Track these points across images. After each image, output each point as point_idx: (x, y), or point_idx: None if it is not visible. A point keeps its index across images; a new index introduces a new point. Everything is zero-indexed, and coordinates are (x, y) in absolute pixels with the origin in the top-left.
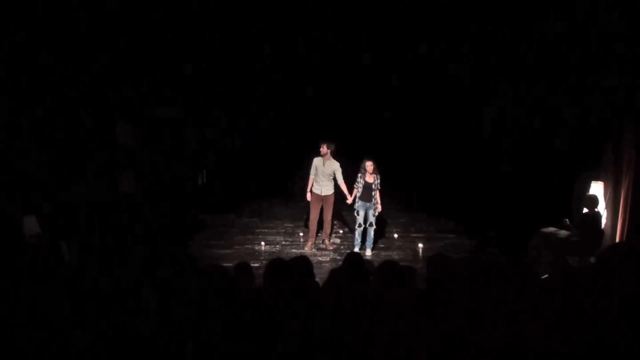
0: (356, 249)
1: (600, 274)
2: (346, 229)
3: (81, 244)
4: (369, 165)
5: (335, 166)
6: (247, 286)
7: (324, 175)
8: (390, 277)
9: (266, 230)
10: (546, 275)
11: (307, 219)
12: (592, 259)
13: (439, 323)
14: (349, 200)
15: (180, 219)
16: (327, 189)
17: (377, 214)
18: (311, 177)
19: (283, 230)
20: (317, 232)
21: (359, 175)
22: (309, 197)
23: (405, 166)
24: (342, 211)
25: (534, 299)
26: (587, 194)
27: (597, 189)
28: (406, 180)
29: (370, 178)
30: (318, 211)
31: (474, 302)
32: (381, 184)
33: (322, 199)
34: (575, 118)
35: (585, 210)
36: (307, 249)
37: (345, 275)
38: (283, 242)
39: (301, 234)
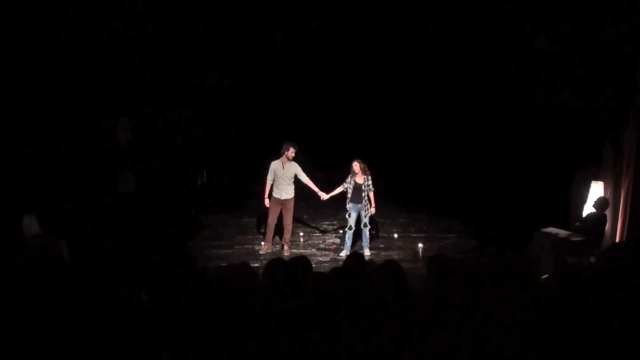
0: (344, 252)
1: (600, 273)
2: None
3: (81, 244)
4: (355, 165)
5: (295, 168)
6: (247, 286)
7: (283, 178)
8: (390, 277)
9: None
10: (546, 276)
11: (265, 223)
12: (592, 259)
13: (438, 324)
14: (324, 196)
15: (180, 219)
16: (287, 193)
17: (369, 214)
18: (268, 182)
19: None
20: (274, 236)
21: (349, 176)
22: (267, 203)
23: (405, 165)
24: (340, 212)
25: (534, 300)
26: (598, 196)
27: (597, 188)
28: (407, 181)
29: (360, 179)
30: (276, 216)
31: (474, 303)
32: (374, 184)
33: (282, 203)
34: (575, 116)
35: (592, 210)
36: (264, 252)
37: (346, 275)
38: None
39: (301, 234)
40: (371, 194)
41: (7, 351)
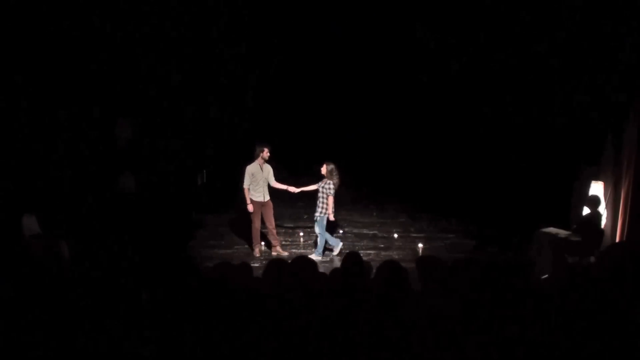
0: (335, 250)
1: (600, 273)
2: (346, 229)
3: (81, 244)
4: (323, 167)
5: (269, 168)
6: (247, 286)
7: (263, 180)
8: (389, 277)
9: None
10: (546, 276)
11: (251, 228)
12: (592, 259)
13: (437, 323)
14: (295, 190)
15: (180, 219)
16: (267, 194)
17: (319, 217)
18: (246, 187)
19: (283, 230)
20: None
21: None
22: (251, 208)
23: (406, 165)
24: (340, 212)
25: (534, 299)
26: (589, 194)
27: (597, 188)
28: (408, 181)
29: (322, 181)
30: (260, 218)
31: (471, 303)
32: (335, 190)
33: (264, 205)
34: (575, 117)
35: (587, 210)
36: (258, 255)
37: (345, 275)
38: (283, 242)
39: (301, 234)
40: (329, 200)
41: (7, 350)
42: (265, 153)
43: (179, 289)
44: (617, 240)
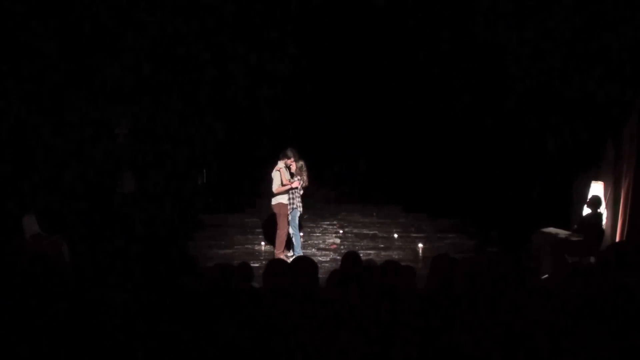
0: (290, 252)
1: (600, 273)
2: (346, 229)
3: (81, 243)
4: (292, 164)
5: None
6: (248, 287)
7: None
8: (390, 277)
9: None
10: (546, 276)
11: (279, 231)
12: (592, 259)
13: (439, 323)
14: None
15: (180, 219)
16: None
17: (292, 212)
18: (288, 180)
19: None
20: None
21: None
22: (296, 184)
23: (406, 165)
24: (340, 212)
25: (534, 299)
26: (591, 195)
27: (597, 188)
28: (408, 180)
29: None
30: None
31: (474, 303)
32: (302, 186)
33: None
34: (576, 116)
35: (588, 211)
36: (283, 256)
37: (343, 275)
38: None
39: (301, 234)
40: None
41: (7, 351)
42: (290, 161)
43: (178, 289)
44: (617, 240)
